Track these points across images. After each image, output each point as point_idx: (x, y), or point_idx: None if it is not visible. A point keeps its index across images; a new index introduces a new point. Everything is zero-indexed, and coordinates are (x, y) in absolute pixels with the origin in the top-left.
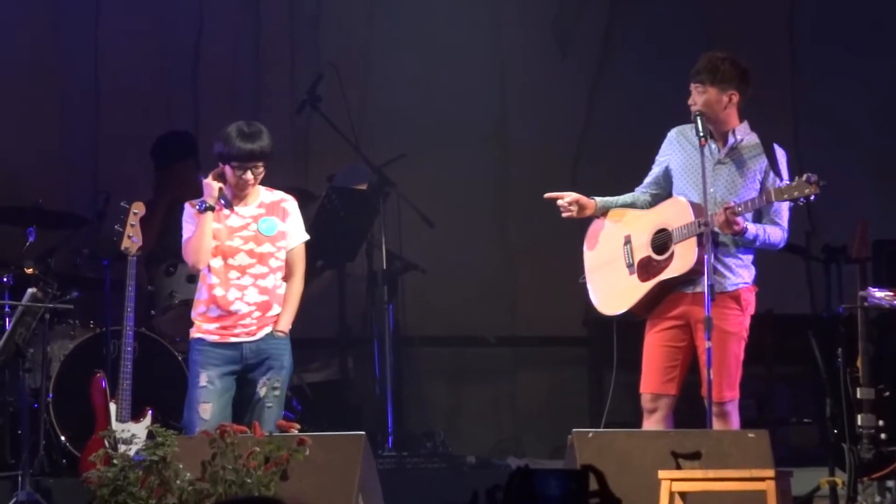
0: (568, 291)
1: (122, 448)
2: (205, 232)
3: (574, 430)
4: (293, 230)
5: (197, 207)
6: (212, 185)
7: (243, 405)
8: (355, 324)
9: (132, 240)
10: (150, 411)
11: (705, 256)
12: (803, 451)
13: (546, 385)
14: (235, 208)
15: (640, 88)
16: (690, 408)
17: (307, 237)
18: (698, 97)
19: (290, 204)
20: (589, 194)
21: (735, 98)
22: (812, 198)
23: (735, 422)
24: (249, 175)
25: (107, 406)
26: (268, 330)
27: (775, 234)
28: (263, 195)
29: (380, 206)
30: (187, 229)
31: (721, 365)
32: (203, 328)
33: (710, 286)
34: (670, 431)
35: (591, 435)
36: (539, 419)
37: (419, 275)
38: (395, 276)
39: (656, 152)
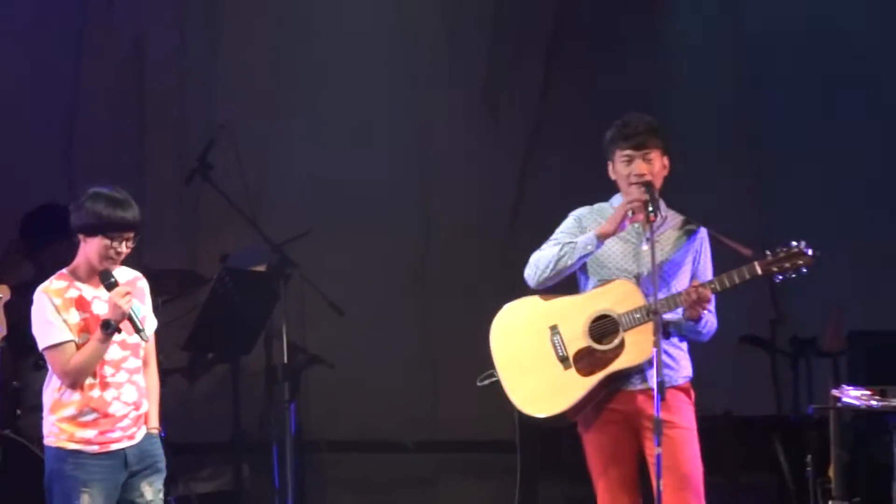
0: (497, 390)
1: None
2: (99, 356)
3: None
4: (150, 313)
5: (102, 329)
6: (121, 305)
7: None
8: (251, 426)
9: None
10: None
11: (654, 350)
12: None
13: (473, 498)
14: (91, 291)
15: (579, 158)
16: None
17: (156, 322)
18: (645, 166)
19: (144, 283)
20: (520, 277)
21: (667, 163)
22: (804, 270)
23: None
24: (124, 247)
25: None
26: (144, 430)
27: (713, 321)
28: (117, 273)
29: (280, 290)
30: (50, 331)
31: (684, 473)
32: (77, 437)
33: (660, 382)
34: None
35: None
36: None
37: (325, 370)
38: (297, 371)
39: None
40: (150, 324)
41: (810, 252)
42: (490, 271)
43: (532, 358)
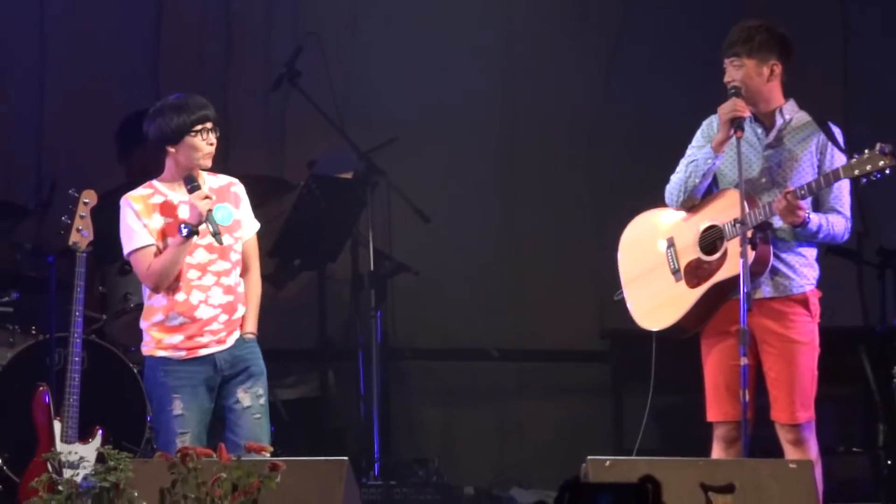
0: (583, 297)
1: (67, 472)
2: (181, 259)
3: (589, 457)
4: (247, 217)
5: (181, 231)
6: (198, 206)
7: (225, 422)
8: (337, 334)
9: (82, 233)
10: (100, 431)
11: (741, 261)
12: (852, 485)
13: (556, 406)
14: (177, 196)
15: (663, 66)
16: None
17: (258, 225)
18: (735, 72)
19: (240, 188)
20: (605, 183)
21: (777, 69)
22: (888, 171)
23: (813, 449)
24: (213, 137)
25: (50, 424)
26: (237, 335)
27: (839, 223)
28: (209, 180)
29: (367, 197)
30: (132, 237)
31: (792, 381)
32: (165, 343)
33: (747, 293)
34: (699, 460)
35: (608, 463)
36: (548, 445)
37: (411, 277)
38: (383, 278)
39: (680, 136)
40: (250, 226)
41: (891, 152)
42: (574, 179)
43: (649, 272)
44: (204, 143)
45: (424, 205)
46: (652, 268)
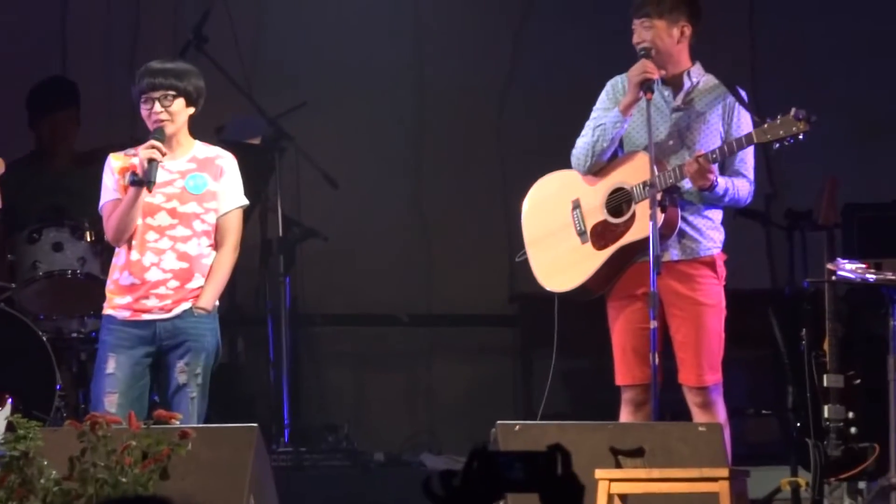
0: (493, 263)
1: None
2: (134, 208)
3: (498, 422)
4: (227, 192)
5: (126, 179)
6: (140, 154)
7: (160, 396)
8: (246, 300)
9: None
10: (9, 399)
11: (650, 223)
12: (762, 447)
13: (466, 371)
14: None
15: (574, 27)
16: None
17: (246, 202)
18: (645, 33)
19: (228, 161)
20: (515, 147)
21: (687, 31)
22: (801, 137)
23: (721, 412)
24: (157, 106)
25: None
26: (186, 306)
27: (744, 187)
28: (197, 149)
29: (275, 162)
30: (103, 192)
31: (699, 343)
32: (114, 302)
33: (656, 257)
34: (609, 424)
35: (517, 428)
36: (457, 410)
37: (320, 243)
38: (292, 244)
39: (589, 100)
40: (229, 201)
41: (806, 117)
42: (483, 143)
43: (554, 233)
44: (148, 111)
45: (333, 170)
46: (557, 229)
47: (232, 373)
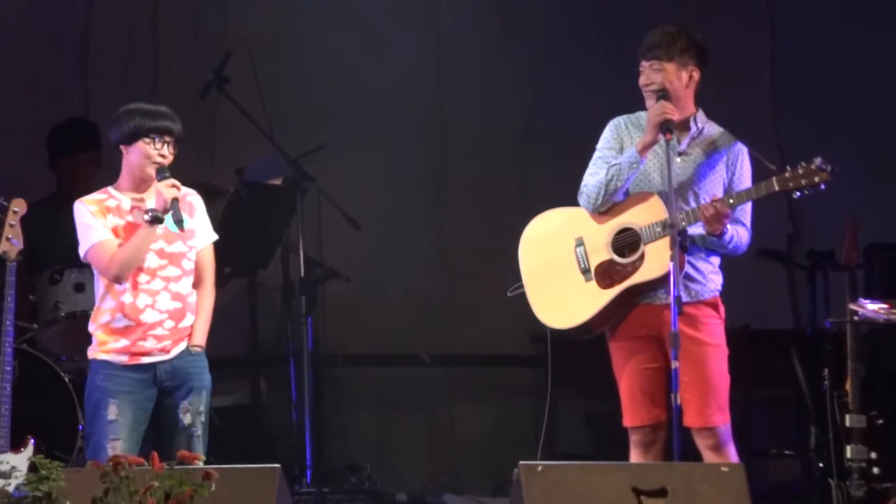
0: (514, 303)
1: None
2: (145, 247)
3: (521, 462)
4: (202, 228)
5: (146, 217)
6: (164, 193)
7: (163, 437)
8: (268, 340)
9: (12, 242)
10: (31, 441)
11: (671, 263)
12: (784, 488)
13: (488, 411)
14: (129, 201)
15: (590, 70)
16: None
17: (216, 237)
18: (654, 75)
19: (196, 198)
20: (535, 188)
21: (696, 76)
22: (822, 187)
23: (733, 453)
24: (167, 150)
25: None
26: (183, 346)
27: (745, 236)
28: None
29: (297, 203)
30: (90, 233)
31: (707, 384)
32: (109, 346)
33: (677, 297)
34: (631, 465)
35: (540, 468)
36: (480, 450)
37: (342, 284)
38: (314, 285)
39: None
40: (204, 237)
41: (828, 168)
42: (504, 184)
43: (555, 270)
44: (155, 151)
45: (354, 211)
46: (559, 265)
47: (254, 413)
